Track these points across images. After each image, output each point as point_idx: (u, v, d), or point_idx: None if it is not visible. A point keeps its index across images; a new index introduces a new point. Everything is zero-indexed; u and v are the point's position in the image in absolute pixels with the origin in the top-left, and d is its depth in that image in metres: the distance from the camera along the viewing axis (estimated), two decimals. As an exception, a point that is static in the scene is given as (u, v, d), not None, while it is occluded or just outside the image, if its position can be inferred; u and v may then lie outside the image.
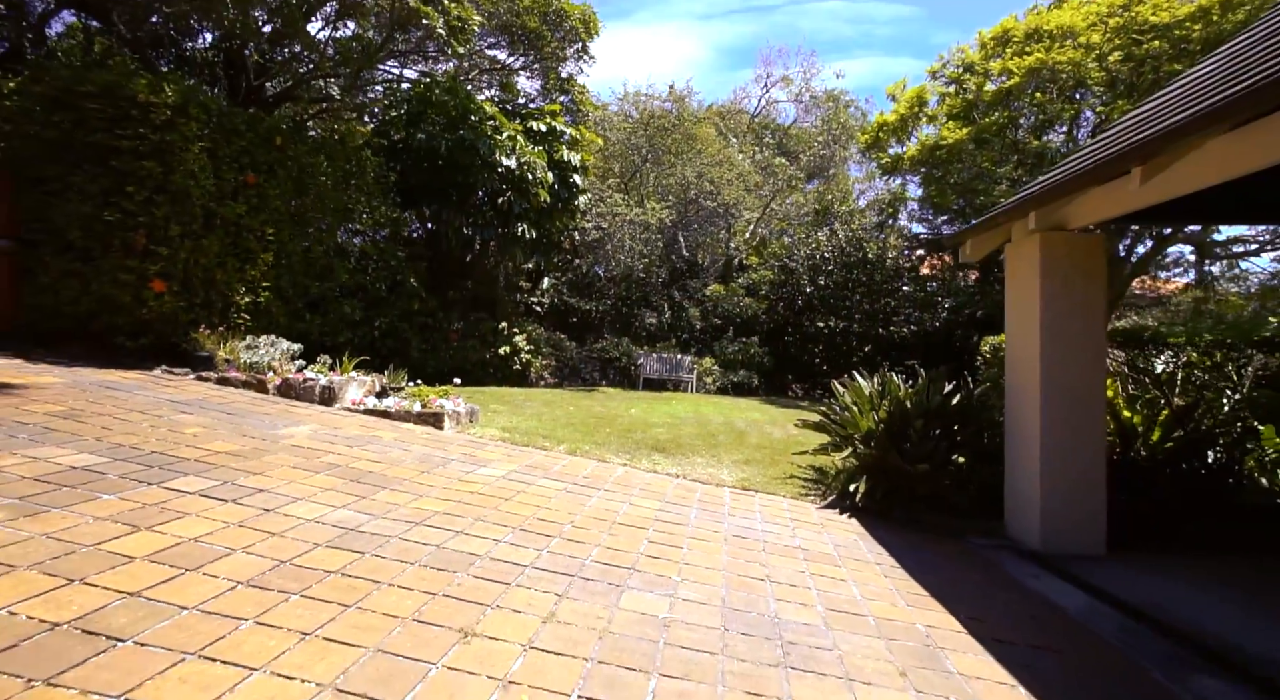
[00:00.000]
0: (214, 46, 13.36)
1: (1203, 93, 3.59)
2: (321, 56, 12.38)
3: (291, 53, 13.60)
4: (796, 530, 4.74)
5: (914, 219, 21.23)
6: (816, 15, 55.81)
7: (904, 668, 2.71)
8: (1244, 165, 3.31)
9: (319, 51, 12.38)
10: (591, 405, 10.38)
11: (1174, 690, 2.87)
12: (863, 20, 57.56)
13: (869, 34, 58.82)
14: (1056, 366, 5.09)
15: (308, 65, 13.46)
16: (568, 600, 2.91)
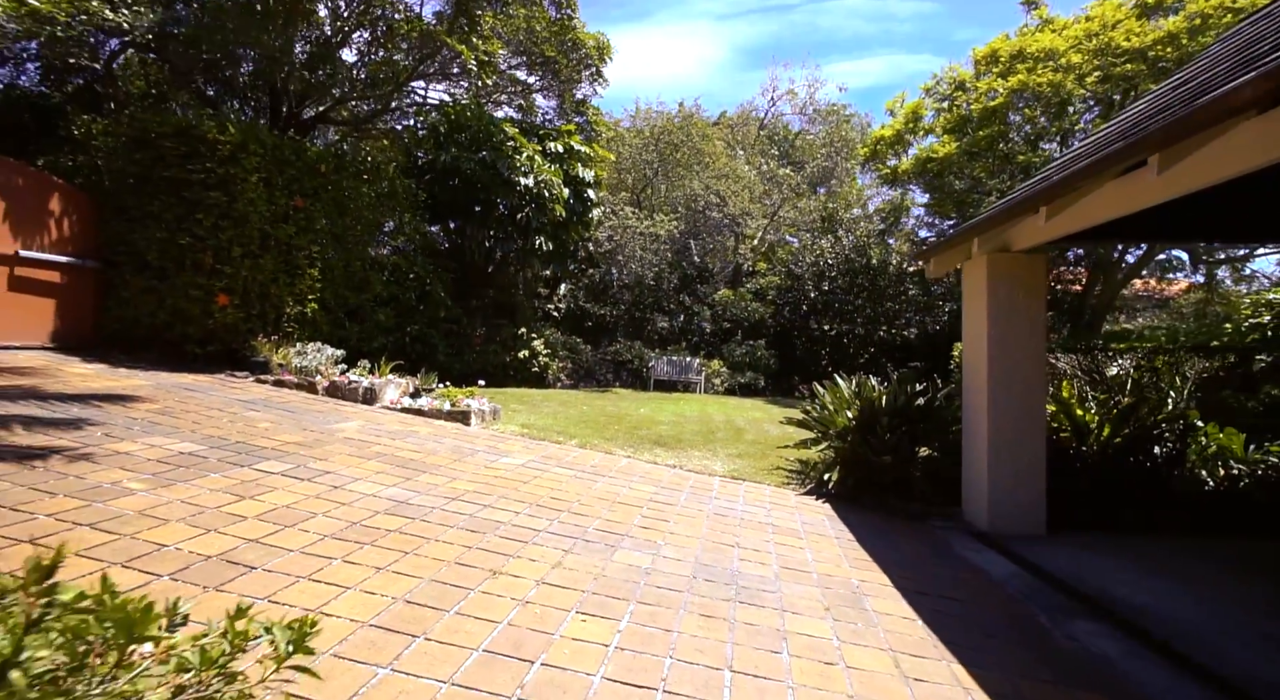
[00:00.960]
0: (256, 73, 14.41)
1: (1097, 148, 4.31)
2: (354, 81, 13.36)
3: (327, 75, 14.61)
4: (772, 511, 5.50)
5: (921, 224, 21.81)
6: (835, 13, 55.58)
7: (829, 605, 3.47)
8: (1126, 208, 4.03)
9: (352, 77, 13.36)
10: (604, 405, 11.20)
11: (1050, 629, 3.59)
12: (883, 17, 57.28)
13: (889, 31, 58.57)
14: (1002, 371, 5.79)
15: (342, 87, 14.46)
16: (572, 554, 3.71)
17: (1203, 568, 4.84)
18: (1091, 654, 3.29)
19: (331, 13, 13.60)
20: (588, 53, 14.41)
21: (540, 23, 13.24)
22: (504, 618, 2.80)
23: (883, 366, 17.76)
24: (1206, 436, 6.97)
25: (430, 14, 13.53)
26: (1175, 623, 3.69)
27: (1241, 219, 6.16)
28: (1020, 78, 12.14)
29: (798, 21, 55.02)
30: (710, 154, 19.05)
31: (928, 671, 2.84)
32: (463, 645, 2.52)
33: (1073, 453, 6.82)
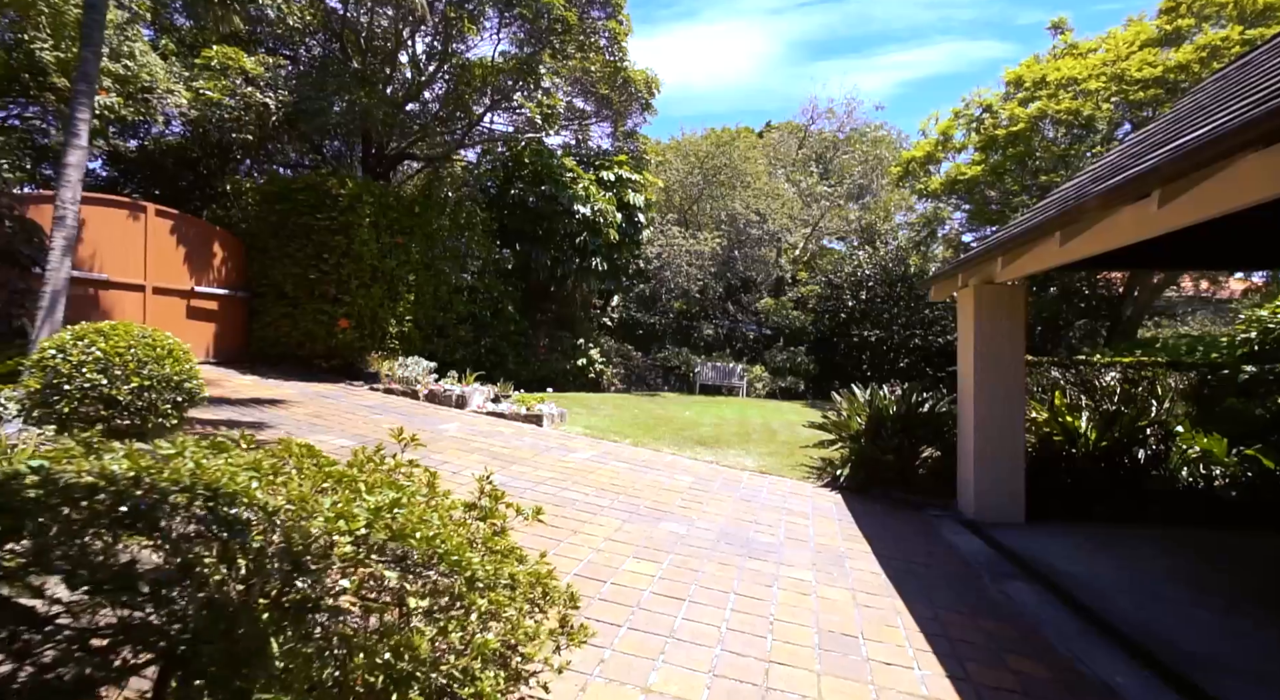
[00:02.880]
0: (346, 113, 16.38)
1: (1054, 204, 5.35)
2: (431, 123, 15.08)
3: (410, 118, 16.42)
4: (788, 499, 6.70)
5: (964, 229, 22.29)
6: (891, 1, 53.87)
7: (816, 563, 4.69)
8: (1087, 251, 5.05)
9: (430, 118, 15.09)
10: (653, 408, 12.52)
11: (988, 585, 4.70)
12: (942, 4, 54.95)
13: (948, 18, 56.40)
14: (987, 383, 6.82)
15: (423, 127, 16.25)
16: (628, 523, 5.04)
17: (1146, 549, 5.79)
18: (1011, 600, 4.40)
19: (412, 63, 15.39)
20: (637, 88, 15.76)
21: (595, 65, 14.67)
22: (584, 558, 4.15)
23: (921, 371, 18.50)
24: (1191, 441, 7.78)
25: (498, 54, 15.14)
26: (1089, 584, 4.74)
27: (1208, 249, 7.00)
28: (1041, 105, 12.82)
29: (851, 12, 53.70)
30: (751, 173, 20.15)
31: (875, 602, 4.04)
32: (561, 571, 3.87)
33: (1063, 454, 7.74)
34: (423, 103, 15.65)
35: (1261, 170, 3.00)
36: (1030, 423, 7.84)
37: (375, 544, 1.52)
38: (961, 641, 3.59)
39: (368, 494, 1.74)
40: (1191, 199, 3.22)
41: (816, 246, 22.97)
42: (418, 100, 15.38)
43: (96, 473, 1.30)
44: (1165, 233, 3.81)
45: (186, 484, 1.32)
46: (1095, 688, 3.21)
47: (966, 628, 3.81)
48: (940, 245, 22.27)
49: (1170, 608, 4.36)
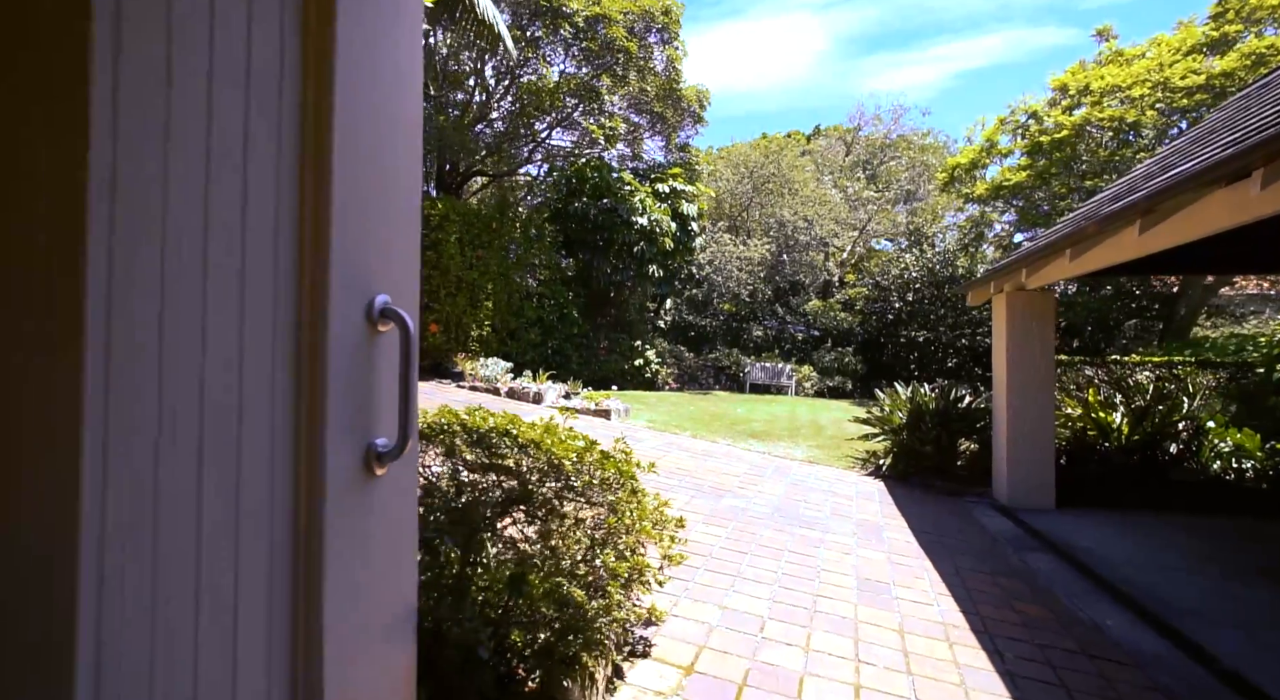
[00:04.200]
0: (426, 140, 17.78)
1: (1069, 223, 5.99)
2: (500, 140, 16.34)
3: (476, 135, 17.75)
4: (834, 484, 7.47)
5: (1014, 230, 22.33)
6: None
7: (857, 532, 5.48)
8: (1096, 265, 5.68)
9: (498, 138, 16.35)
10: (706, 405, 13.37)
11: (1009, 555, 5.39)
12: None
13: (1007, 6, 54.23)
14: (1018, 381, 7.42)
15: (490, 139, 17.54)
16: (695, 500, 5.92)
17: (1165, 532, 6.33)
18: (1027, 566, 5.09)
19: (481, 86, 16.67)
20: (689, 103, 16.65)
21: (651, 86, 15.62)
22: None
23: (970, 371, 18.75)
24: (1224, 436, 8.17)
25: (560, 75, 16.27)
26: (1103, 556, 5.38)
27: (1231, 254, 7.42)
28: (1084, 114, 13.07)
29: (903, 3, 52.44)
30: (799, 181, 20.76)
31: (906, 562, 4.82)
32: (646, 530, 4.79)
33: (1096, 447, 8.24)
34: (489, 122, 16.94)
35: (1225, 205, 3.67)
36: (1064, 418, 8.37)
37: (583, 467, 2.46)
38: (977, 591, 4.35)
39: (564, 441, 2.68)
40: (1167, 227, 3.90)
41: (864, 249, 23.35)
42: (485, 121, 16.67)
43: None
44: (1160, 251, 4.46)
45: (501, 427, 2.32)
46: (1086, 626, 3.93)
47: (983, 582, 4.55)
48: (990, 246, 22.34)
49: (1172, 576, 4.98)
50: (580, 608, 2.08)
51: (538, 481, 2.30)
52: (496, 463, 2.31)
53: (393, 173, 1.49)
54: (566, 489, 2.37)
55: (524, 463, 2.33)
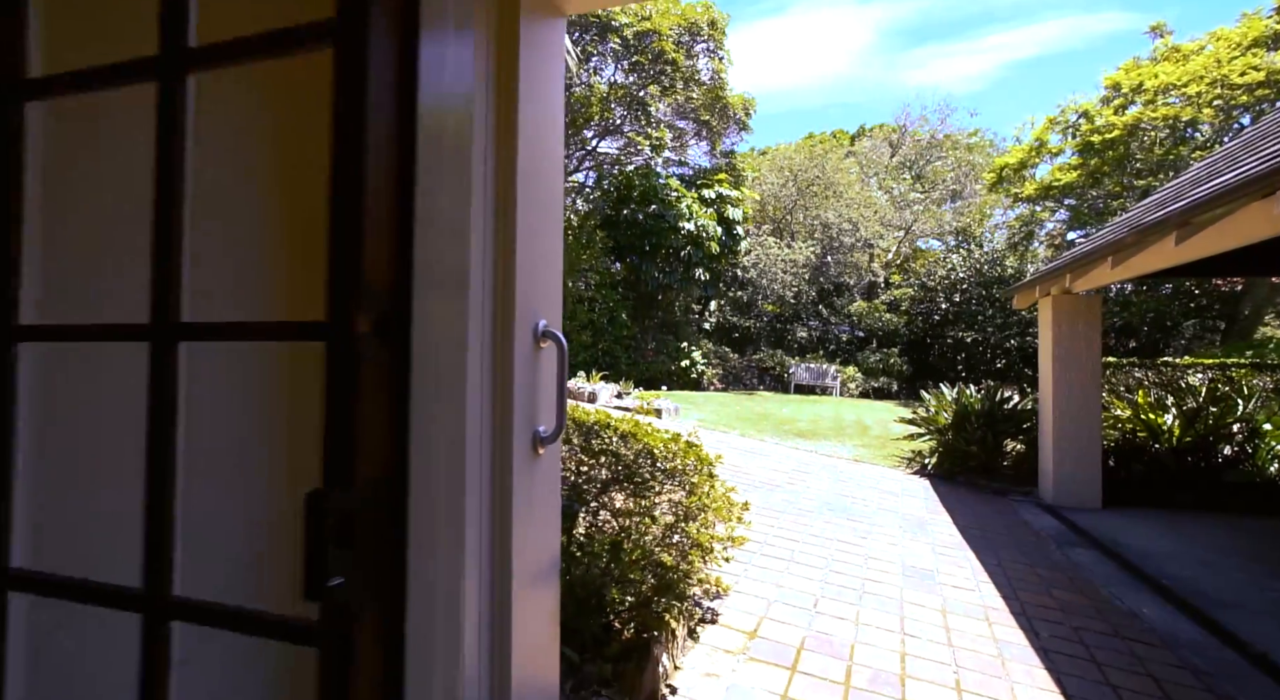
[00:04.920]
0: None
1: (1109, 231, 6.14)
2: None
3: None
4: (879, 481, 7.73)
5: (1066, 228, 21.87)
6: None
7: (902, 525, 5.77)
8: (1138, 272, 5.84)
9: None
10: (752, 405, 13.68)
11: (1052, 549, 5.61)
12: None
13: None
14: (1063, 383, 7.54)
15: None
16: (747, 493, 6.29)
17: (1213, 531, 6.40)
18: (1069, 560, 5.31)
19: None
20: (734, 111, 16.96)
21: (697, 94, 16.02)
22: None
23: (1019, 372, 18.50)
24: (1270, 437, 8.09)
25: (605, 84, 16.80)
26: (1146, 552, 5.54)
27: None
28: (1137, 113, 12.83)
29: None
30: (844, 183, 20.81)
31: (950, 553, 5.11)
32: (704, 518, 5.20)
33: (1147, 448, 8.26)
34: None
35: (1262, 216, 3.87)
36: (1112, 419, 8.41)
37: (670, 453, 2.91)
38: (1018, 579, 4.62)
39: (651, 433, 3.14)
40: (1203, 238, 4.12)
41: (910, 249, 23.20)
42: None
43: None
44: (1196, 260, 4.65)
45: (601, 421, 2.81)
46: (1122, 613, 4.17)
47: (1024, 572, 4.81)
48: (1042, 244, 21.91)
49: (1214, 571, 5.12)
50: (669, 570, 2.53)
51: (636, 464, 2.75)
52: (604, 447, 2.78)
53: (547, 220, 1.97)
54: (659, 471, 2.81)
55: (623, 448, 2.79)
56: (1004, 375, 18.44)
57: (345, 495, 0.60)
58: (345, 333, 0.61)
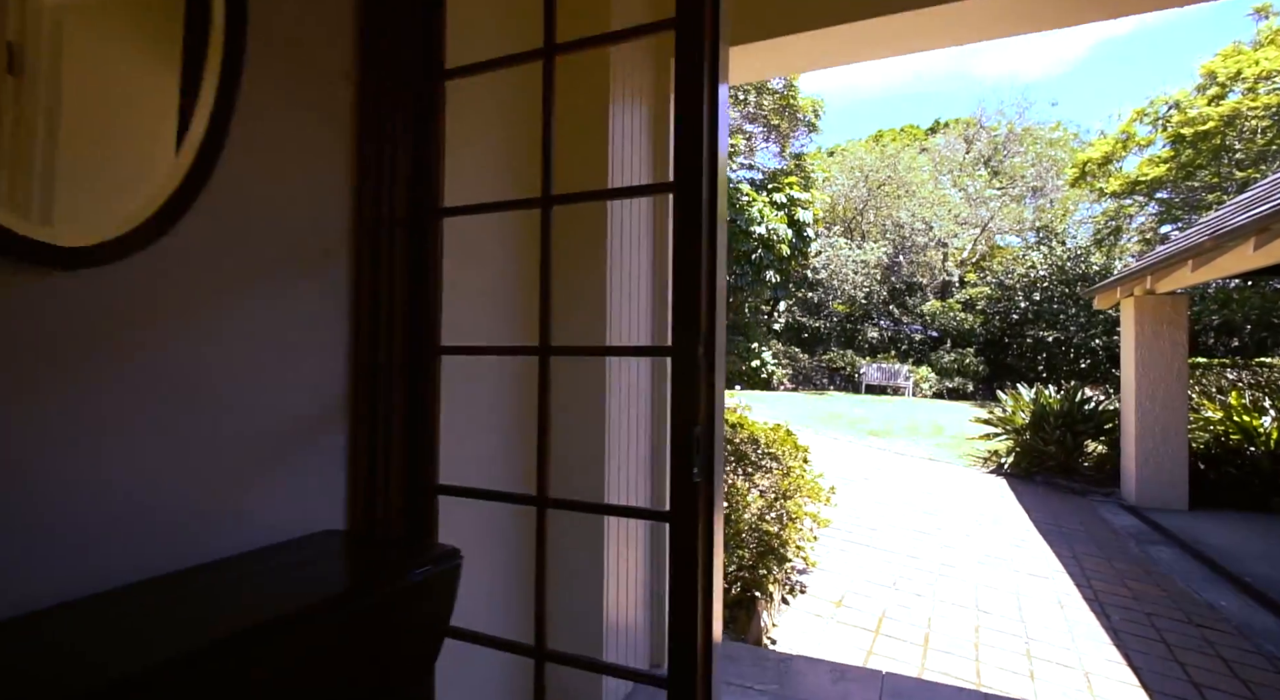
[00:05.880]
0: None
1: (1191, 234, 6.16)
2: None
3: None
4: (954, 478, 7.90)
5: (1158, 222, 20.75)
6: None
7: (977, 519, 6.00)
8: (1220, 274, 5.87)
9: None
10: (824, 405, 13.86)
11: (1130, 546, 5.71)
12: None
13: None
14: (1147, 384, 7.49)
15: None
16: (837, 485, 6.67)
17: (1307, 534, 6.27)
18: (1148, 557, 5.42)
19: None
20: (804, 113, 17.12)
21: (768, 100, 16.29)
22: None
23: (1106, 372, 17.74)
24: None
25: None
26: (1231, 552, 5.55)
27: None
28: (1235, 103, 12.17)
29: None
30: (916, 182, 20.49)
31: (1024, 545, 5.33)
32: (786, 507, 5.64)
33: (1241, 451, 8.03)
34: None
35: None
36: (1202, 421, 8.22)
37: (772, 452, 3.41)
38: (1092, 571, 4.82)
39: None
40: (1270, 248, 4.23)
41: (986, 246, 22.55)
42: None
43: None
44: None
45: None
46: (1198, 604, 4.33)
47: (1099, 565, 5.00)
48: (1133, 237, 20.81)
49: (1304, 571, 5.12)
50: (771, 537, 3.02)
51: (744, 448, 3.26)
52: None
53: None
54: (764, 455, 3.31)
55: (734, 435, 3.31)
56: (1088, 376, 17.75)
57: (695, 428, 1.12)
58: (684, 351, 1.13)
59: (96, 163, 0.93)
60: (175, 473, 1.02)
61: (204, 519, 1.06)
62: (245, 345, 1.13)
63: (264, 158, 1.15)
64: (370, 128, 1.34)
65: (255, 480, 1.15)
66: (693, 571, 1.11)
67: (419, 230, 1.38)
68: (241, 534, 1.12)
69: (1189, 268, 5.41)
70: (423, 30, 1.40)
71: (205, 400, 1.07)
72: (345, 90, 1.33)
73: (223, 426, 1.09)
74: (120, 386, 0.95)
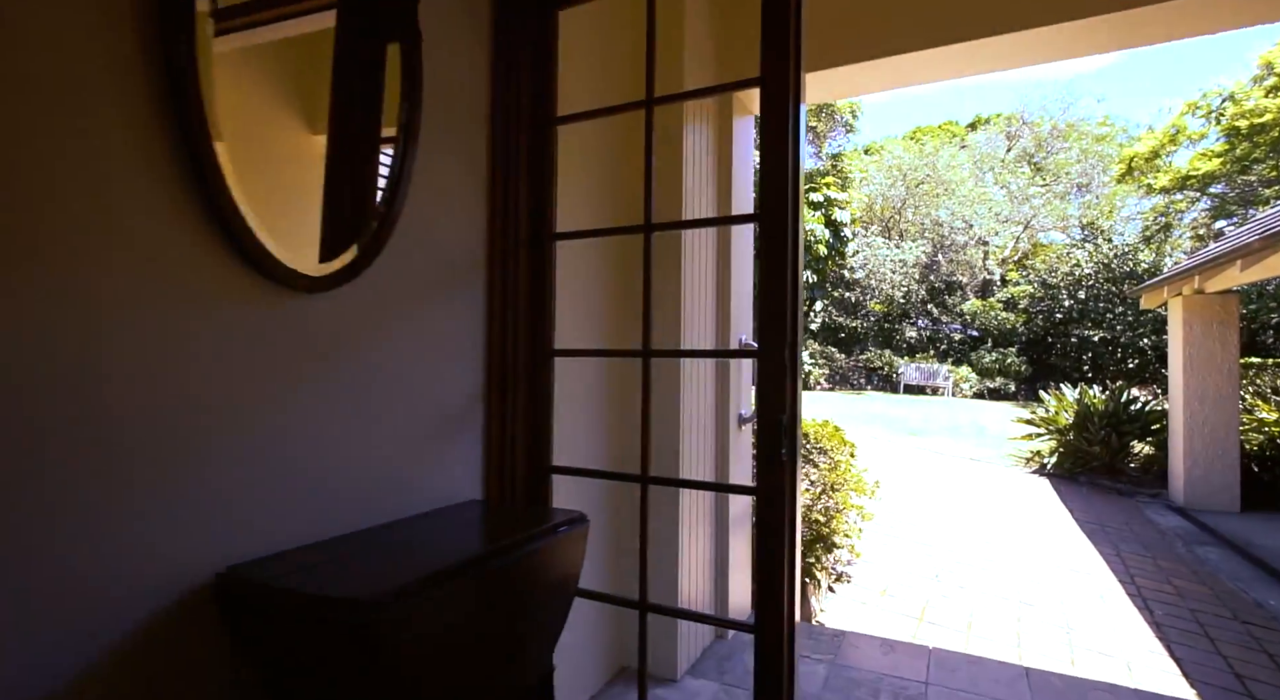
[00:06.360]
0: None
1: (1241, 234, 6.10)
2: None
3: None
4: (995, 477, 7.92)
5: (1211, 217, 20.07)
6: None
7: (1019, 518, 6.06)
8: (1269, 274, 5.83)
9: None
10: (862, 405, 13.87)
11: (1176, 545, 5.71)
12: None
13: None
14: (1195, 385, 7.40)
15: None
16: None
17: (1365, 537, 6.15)
18: (1195, 556, 5.42)
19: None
20: (841, 114, 17.09)
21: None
22: (841, 497, 6.03)
23: (1155, 372, 17.27)
24: None
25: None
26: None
27: None
28: (1291, 95, 11.77)
29: None
30: (956, 180, 20.20)
31: (1067, 544, 5.39)
32: (828, 502, 5.80)
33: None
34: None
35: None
36: (1255, 422, 8.06)
37: (821, 447, 3.61)
38: (1136, 568, 4.87)
39: None
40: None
41: (1029, 244, 22.10)
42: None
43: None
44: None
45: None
46: (1245, 602, 4.36)
47: (1143, 563, 5.04)
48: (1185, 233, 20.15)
49: (1357, 573, 5.07)
50: (821, 525, 3.22)
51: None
52: None
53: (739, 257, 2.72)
54: (814, 449, 3.51)
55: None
56: (1136, 376, 17.31)
57: (783, 416, 1.36)
58: (772, 354, 1.37)
59: (340, 211, 1.21)
60: (368, 449, 1.30)
61: (386, 487, 1.34)
62: (414, 350, 1.40)
63: (429, 197, 1.43)
64: (499, 166, 1.61)
65: (421, 458, 1.42)
66: (779, 535, 1.34)
67: (538, 251, 1.65)
68: (410, 500, 1.39)
69: (1238, 267, 5.39)
70: (539, 83, 1.66)
71: (390, 394, 1.34)
72: (480, 135, 1.60)
73: (399, 414, 1.37)
74: (337, 384, 1.23)
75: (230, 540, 1.04)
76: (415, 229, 1.39)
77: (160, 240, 0.94)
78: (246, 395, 1.07)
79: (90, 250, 0.86)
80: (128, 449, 0.90)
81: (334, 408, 1.22)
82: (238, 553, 1.05)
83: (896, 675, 2.33)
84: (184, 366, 0.97)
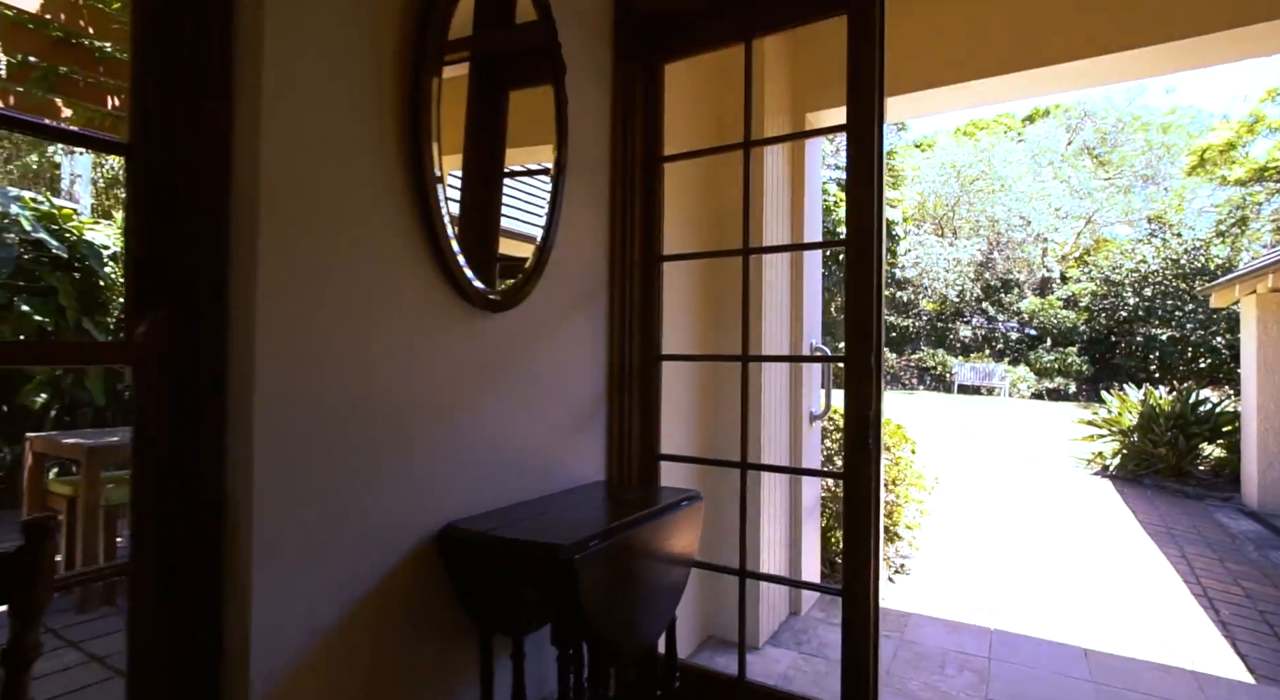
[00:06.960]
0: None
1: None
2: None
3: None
4: (1056, 479, 7.85)
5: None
6: None
7: (1081, 521, 6.06)
8: None
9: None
10: (915, 404, 13.76)
11: (1247, 549, 5.61)
12: None
13: None
14: (1270, 385, 7.20)
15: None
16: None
17: None
18: (1267, 560, 5.34)
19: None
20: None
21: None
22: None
23: (1230, 372, 16.49)
24: None
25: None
26: (1360, 558, 5.36)
27: None
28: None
29: None
30: (1012, 176, 19.68)
31: (1131, 546, 5.39)
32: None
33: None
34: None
35: None
36: (1338, 425, 7.75)
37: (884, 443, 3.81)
38: (1202, 570, 4.86)
39: None
40: None
41: (1091, 240, 21.33)
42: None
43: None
44: None
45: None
46: (1317, 605, 4.32)
47: (1210, 565, 5.01)
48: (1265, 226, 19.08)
49: None
50: (883, 516, 3.41)
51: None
52: (837, 427, 3.73)
53: (810, 270, 2.95)
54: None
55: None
56: (1209, 377, 16.57)
57: (869, 411, 1.61)
58: (860, 359, 1.62)
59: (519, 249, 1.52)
60: (530, 438, 1.61)
61: (540, 468, 1.64)
62: (560, 356, 1.70)
63: (570, 231, 1.73)
64: (618, 199, 1.90)
65: (564, 444, 1.73)
66: (866, 511, 1.59)
67: (649, 271, 1.93)
68: (556, 479, 1.70)
69: (1312, 268, 5.28)
70: (649, 126, 1.95)
71: (544, 393, 1.65)
72: (604, 172, 1.89)
73: (550, 409, 1.67)
74: (510, 384, 1.54)
75: (445, 503, 1.36)
76: (561, 257, 1.69)
77: (408, 275, 1.27)
78: (458, 391, 1.38)
79: (371, 285, 1.19)
80: (403, 427, 1.23)
81: (509, 403, 1.53)
82: (444, 514, 1.37)
83: (960, 651, 2.51)
84: (423, 366, 1.30)
